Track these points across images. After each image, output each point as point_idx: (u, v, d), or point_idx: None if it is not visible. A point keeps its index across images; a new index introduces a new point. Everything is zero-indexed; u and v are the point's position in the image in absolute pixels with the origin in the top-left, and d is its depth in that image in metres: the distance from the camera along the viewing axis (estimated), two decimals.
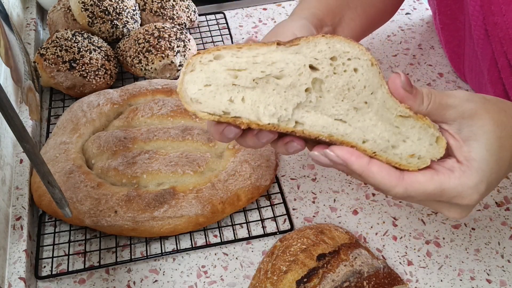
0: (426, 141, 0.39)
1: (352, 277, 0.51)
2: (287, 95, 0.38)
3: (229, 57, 0.37)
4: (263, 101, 0.38)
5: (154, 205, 0.59)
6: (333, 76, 0.38)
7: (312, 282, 0.51)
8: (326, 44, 0.37)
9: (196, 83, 0.37)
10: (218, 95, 0.37)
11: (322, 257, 0.53)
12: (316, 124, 0.39)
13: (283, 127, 0.38)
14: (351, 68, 0.38)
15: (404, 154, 0.39)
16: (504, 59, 0.62)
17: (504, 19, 0.58)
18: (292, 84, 0.38)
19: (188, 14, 0.88)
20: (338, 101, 0.38)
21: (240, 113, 0.38)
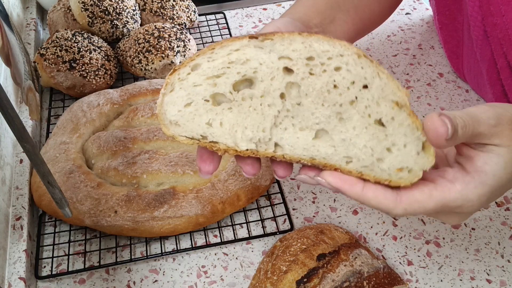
0: (412, 149, 0.36)
1: (352, 277, 0.51)
2: (263, 108, 0.36)
3: (205, 64, 0.36)
4: (241, 124, 0.36)
5: (154, 205, 0.59)
6: (310, 77, 0.35)
7: (312, 282, 0.51)
8: (302, 43, 0.35)
9: (176, 104, 0.36)
10: (198, 117, 0.36)
11: (322, 257, 0.53)
12: (296, 146, 0.37)
13: (262, 152, 0.37)
14: (332, 68, 0.35)
15: (392, 169, 0.36)
16: (504, 60, 0.62)
17: (504, 19, 0.58)
18: (266, 91, 0.36)
19: (188, 14, 0.88)
20: (318, 106, 0.36)
21: (218, 138, 0.37)
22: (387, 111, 0.35)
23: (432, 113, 0.35)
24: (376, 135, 0.36)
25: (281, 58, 0.35)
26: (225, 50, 0.35)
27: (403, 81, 0.83)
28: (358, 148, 0.36)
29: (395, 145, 0.36)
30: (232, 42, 0.35)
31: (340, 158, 0.37)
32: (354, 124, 0.36)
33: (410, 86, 0.82)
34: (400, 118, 0.35)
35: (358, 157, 0.36)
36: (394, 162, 0.36)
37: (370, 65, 0.35)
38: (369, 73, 0.35)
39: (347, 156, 0.37)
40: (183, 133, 0.37)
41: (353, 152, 0.36)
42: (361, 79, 0.35)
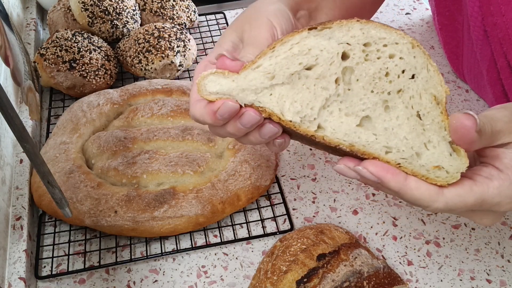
0: (445, 149, 0.37)
1: (352, 277, 0.51)
2: (316, 88, 0.36)
3: (267, 62, 0.36)
4: (291, 97, 0.37)
5: (154, 205, 0.59)
6: (365, 63, 0.36)
7: (312, 282, 0.51)
8: (360, 30, 0.36)
9: (220, 84, 0.36)
10: (247, 86, 0.37)
11: (322, 257, 0.53)
12: (338, 130, 0.37)
13: (303, 128, 0.37)
14: (386, 55, 0.36)
15: (429, 165, 0.37)
16: (504, 60, 0.62)
17: (504, 19, 0.58)
18: (322, 75, 0.36)
19: (188, 14, 0.88)
20: (367, 92, 0.37)
21: (265, 104, 0.37)
22: (426, 104, 0.36)
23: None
24: (415, 128, 0.37)
25: (340, 44, 0.36)
26: (286, 46, 0.36)
27: None
28: (399, 139, 0.37)
29: (431, 142, 0.37)
30: (292, 37, 0.36)
31: (380, 147, 0.37)
32: (398, 113, 0.37)
33: None
34: (434, 113, 0.37)
35: (398, 148, 0.37)
36: (431, 158, 0.37)
37: (422, 55, 0.36)
38: (420, 64, 0.36)
39: (387, 146, 0.37)
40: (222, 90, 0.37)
41: (393, 142, 0.37)
42: (411, 68, 0.36)
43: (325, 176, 0.69)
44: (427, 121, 0.37)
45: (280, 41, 0.36)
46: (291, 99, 0.37)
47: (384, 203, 0.65)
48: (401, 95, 0.37)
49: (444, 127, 0.37)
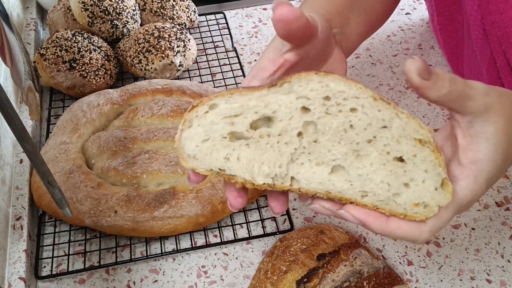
0: (431, 184, 0.36)
1: (352, 277, 0.51)
2: (280, 145, 0.36)
3: (223, 105, 0.36)
4: (258, 160, 0.37)
5: (154, 205, 0.59)
6: (326, 117, 0.35)
7: (312, 282, 0.51)
8: (319, 83, 0.35)
9: (193, 140, 0.37)
10: (215, 152, 0.37)
11: (322, 257, 0.53)
12: (312, 180, 0.37)
13: (278, 186, 0.37)
14: (347, 109, 0.35)
15: (408, 203, 0.37)
16: (503, 58, 0.62)
17: (502, 17, 0.58)
18: (284, 130, 0.36)
19: (188, 14, 0.88)
20: (334, 143, 0.36)
21: (235, 171, 0.37)
22: (408, 149, 0.36)
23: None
24: (394, 171, 0.36)
25: (299, 98, 0.35)
26: (244, 98, 0.36)
27: (403, 81, 0.83)
28: (375, 183, 0.37)
29: (414, 180, 0.36)
30: (251, 93, 0.36)
31: (356, 192, 0.37)
32: (371, 160, 0.36)
33: (410, 86, 0.82)
34: (423, 154, 0.36)
35: (374, 191, 0.37)
36: (411, 197, 0.37)
37: (387, 107, 0.35)
38: (387, 115, 0.35)
39: (363, 191, 0.37)
40: (202, 166, 0.38)
41: (369, 187, 0.37)
42: (378, 121, 0.35)
43: None
44: (413, 163, 0.36)
45: (239, 92, 0.36)
46: (258, 161, 0.37)
47: None
48: (373, 144, 0.36)
49: (438, 164, 0.36)
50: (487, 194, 0.66)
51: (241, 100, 0.36)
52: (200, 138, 0.37)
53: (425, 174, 0.36)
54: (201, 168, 0.38)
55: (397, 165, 0.36)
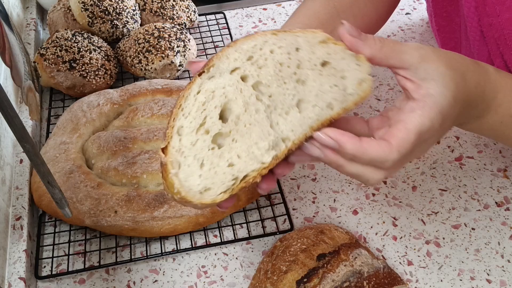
0: (351, 62, 0.42)
1: (352, 277, 0.51)
2: (254, 118, 0.39)
3: (184, 121, 0.37)
4: (252, 144, 0.38)
5: (154, 205, 0.59)
6: (262, 70, 0.39)
7: (312, 282, 0.51)
8: (235, 51, 0.39)
9: (193, 173, 0.36)
10: (217, 168, 0.37)
11: (322, 257, 0.53)
12: (294, 128, 0.40)
13: (280, 154, 0.39)
14: (267, 53, 0.40)
15: (354, 88, 0.42)
16: (500, 60, 0.62)
17: (499, 19, 0.58)
18: (245, 103, 0.39)
19: (188, 14, 0.88)
20: (282, 86, 0.40)
21: (245, 169, 0.38)
22: (321, 52, 0.41)
23: None
24: (330, 74, 0.41)
25: (232, 72, 0.39)
26: (190, 99, 0.38)
27: None
28: (329, 92, 0.41)
29: (344, 70, 0.42)
30: (190, 87, 0.38)
31: (325, 110, 0.41)
32: (312, 79, 0.41)
33: None
34: (333, 49, 0.42)
35: (334, 98, 0.41)
36: (351, 81, 0.42)
37: (288, 34, 0.41)
38: (292, 39, 0.41)
39: (328, 104, 0.41)
40: (218, 191, 0.37)
41: (328, 98, 0.41)
42: (292, 47, 0.41)
43: (325, 176, 0.69)
44: (333, 59, 0.42)
45: (183, 97, 0.38)
46: (253, 144, 0.39)
47: (384, 203, 0.65)
48: (302, 66, 0.41)
49: (345, 49, 0.42)
50: (487, 194, 0.66)
51: (189, 101, 0.38)
52: (197, 166, 0.37)
53: (344, 60, 0.42)
54: (219, 193, 0.37)
55: (328, 70, 0.41)
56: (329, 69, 0.41)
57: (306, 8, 0.57)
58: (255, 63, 0.40)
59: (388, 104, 0.78)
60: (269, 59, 0.40)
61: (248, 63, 0.39)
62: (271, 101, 0.40)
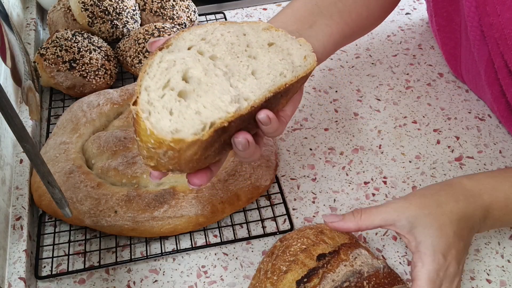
0: (294, 44, 0.48)
1: (352, 277, 0.51)
2: (216, 78, 0.43)
3: (151, 82, 0.40)
4: (216, 96, 0.42)
5: (154, 205, 0.59)
6: (216, 47, 0.45)
7: (312, 282, 0.51)
8: (190, 34, 0.45)
9: (163, 117, 0.39)
10: (185, 114, 0.40)
11: (322, 257, 0.52)
12: (253, 90, 0.44)
13: (244, 108, 0.42)
14: (218, 35, 0.45)
15: (301, 61, 0.47)
16: (501, 60, 0.62)
17: (499, 19, 0.58)
18: (204, 69, 0.43)
19: (188, 14, 0.88)
20: (236, 59, 0.45)
21: (212, 117, 0.40)
22: (265, 36, 0.48)
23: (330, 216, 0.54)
24: (277, 51, 0.47)
25: (189, 48, 0.44)
26: (154, 66, 0.41)
27: (403, 81, 0.83)
28: (279, 64, 0.46)
29: (289, 49, 0.48)
30: (152, 58, 0.42)
31: (279, 77, 0.45)
32: (262, 54, 0.46)
33: (410, 86, 0.82)
34: (276, 34, 0.48)
35: (285, 68, 0.46)
36: (297, 57, 0.47)
37: (236, 25, 0.47)
38: (237, 28, 0.47)
39: (280, 72, 0.46)
40: (189, 132, 0.39)
41: (279, 68, 0.46)
42: (240, 33, 0.47)
43: (325, 176, 0.69)
44: (278, 41, 0.48)
45: (147, 65, 0.41)
46: (217, 97, 0.42)
47: None
48: (252, 46, 0.46)
49: (290, 37, 0.48)
50: None
51: (155, 70, 0.41)
52: (166, 113, 0.39)
53: (288, 42, 0.48)
54: (190, 134, 0.39)
55: (275, 48, 0.47)
56: (276, 47, 0.47)
57: (288, 7, 0.59)
58: (209, 42, 0.45)
59: (388, 104, 0.78)
60: (220, 39, 0.45)
61: (202, 42, 0.44)
62: (228, 69, 0.44)
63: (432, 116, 0.77)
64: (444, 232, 0.49)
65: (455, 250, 0.49)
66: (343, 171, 0.69)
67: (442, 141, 0.73)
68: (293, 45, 0.48)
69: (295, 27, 0.55)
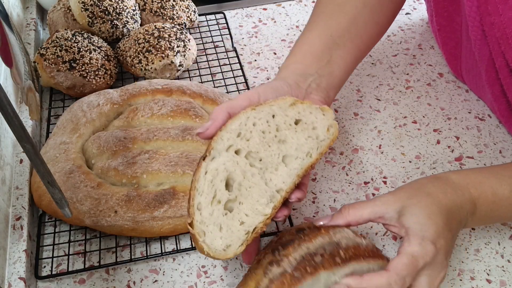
0: (318, 114, 0.52)
1: (328, 246, 0.49)
2: (251, 180, 0.48)
3: (201, 198, 0.46)
4: (254, 201, 0.48)
5: (154, 205, 0.59)
6: (249, 142, 0.49)
7: (287, 250, 0.49)
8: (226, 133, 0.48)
9: (215, 236, 0.46)
10: (232, 227, 0.47)
11: (300, 231, 0.51)
12: (285, 179, 0.49)
13: (277, 203, 0.48)
14: (251, 126, 0.49)
15: (325, 133, 0.52)
16: (502, 59, 0.62)
17: (501, 19, 0.58)
18: (242, 171, 0.48)
19: (188, 14, 0.88)
20: (267, 149, 0.49)
21: (253, 223, 0.47)
22: (292, 113, 0.51)
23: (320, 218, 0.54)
24: (303, 129, 0.51)
25: (227, 149, 0.48)
26: (201, 180, 0.47)
27: (403, 81, 0.83)
28: (305, 144, 0.51)
29: (313, 122, 0.52)
30: (199, 170, 0.47)
31: (305, 158, 0.50)
32: (290, 136, 0.51)
33: (410, 86, 0.82)
34: (301, 108, 0.52)
35: (310, 148, 0.51)
36: (321, 129, 0.52)
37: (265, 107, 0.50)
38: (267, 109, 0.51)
39: (307, 153, 0.51)
40: (237, 245, 0.46)
41: (306, 148, 0.51)
42: (269, 115, 0.50)
43: (325, 176, 0.69)
44: (303, 117, 0.51)
45: (195, 180, 0.47)
46: (256, 202, 0.48)
47: None
48: (279, 129, 0.50)
49: (314, 107, 0.52)
50: None
51: (203, 184, 0.47)
52: (217, 231, 0.46)
53: (312, 114, 0.52)
54: (237, 247, 0.46)
55: (301, 125, 0.51)
56: (302, 125, 0.51)
57: (302, 43, 0.60)
58: (243, 137, 0.49)
59: (388, 104, 0.78)
60: (253, 131, 0.49)
61: (238, 139, 0.49)
62: (262, 164, 0.49)
63: (432, 116, 0.77)
64: (433, 220, 0.49)
65: (444, 240, 0.49)
66: (343, 171, 0.69)
67: (442, 141, 0.73)
68: (317, 117, 0.52)
69: (314, 68, 0.57)
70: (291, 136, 0.50)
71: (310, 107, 0.52)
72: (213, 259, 0.59)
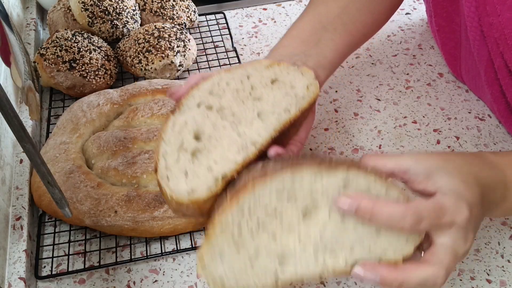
0: (297, 74, 0.50)
1: None
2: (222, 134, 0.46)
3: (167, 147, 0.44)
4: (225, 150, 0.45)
5: (154, 205, 0.59)
6: (222, 98, 0.48)
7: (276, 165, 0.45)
8: (198, 91, 0.48)
9: (179, 181, 0.43)
10: (199, 173, 0.43)
11: None
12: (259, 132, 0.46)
13: (252, 154, 0.45)
14: (224, 85, 0.48)
15: (302, 91, 0.49)
16: (501, 60, 0.62)
17: (499, 19, 0.58)
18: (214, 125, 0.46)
19: (188, 14, 0.88)
20: (241, 105, 0.47)
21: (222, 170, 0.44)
22: (268, 73, 0.50)
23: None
24: (280, 87, 0.49)
25: (198, 106, 0.47)
26: (168, 131, 0.45)
27: (403, 81, 0.83)
28: (283, 100, 0.48)
29: (291, 81, 0.50)
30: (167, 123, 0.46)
31: (283, 114, 0.47)
32: (266, 94, 0.48)
33: (410, 86, 0.82)
34: (278, 69, 0.50)
35: (288, 104, 0.48)
36: (300, 88, 0.49)
37: (240, 69, 0.50)
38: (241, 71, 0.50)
39: (284, 109, 0.48)
40: (203, 190, 0.43)
41: (283, 104, 0.48)
42: (244, 76, 0.49)
43: None
44: (283, 76, 0.50)
45: (163, 131, 0.45)
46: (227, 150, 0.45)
47: None
48: (256, 89, 0.48)
49: (292, 68, 0.50)
50: None
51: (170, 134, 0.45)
52: (182, 176, 0.43)
53: (290, 74, 0.50)
54: (203, 191, 0.43)
55: (278, 83, 0.49)
56: (279, 83, 0.49)
57: (293, 28, 0.61)
58: (216, 95, 0.47)
59: (388, 104, 0.78)
60: (226, 89, 0.48)
61: (210, 96, 0.47)
62: (235, 118, 0.47)
63: (432, 116, 0.77)
64: (470, 187, 0.43)
65: (477, 211, 0.43)
66: None
67: (442, 141, 0.73)
68: (295, 77, 0.50)
69: (301, 49, 0.56)
70: (267, 94, 0.49)
71: (288, 68, 0.50)
72: None
